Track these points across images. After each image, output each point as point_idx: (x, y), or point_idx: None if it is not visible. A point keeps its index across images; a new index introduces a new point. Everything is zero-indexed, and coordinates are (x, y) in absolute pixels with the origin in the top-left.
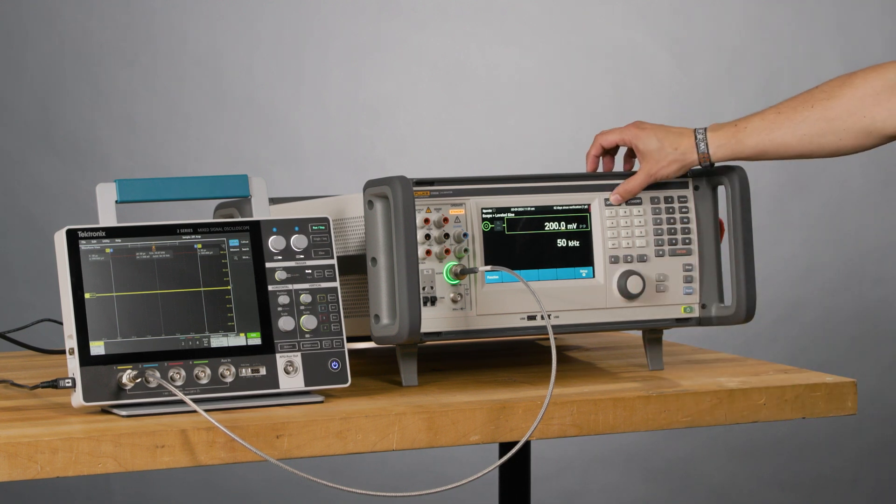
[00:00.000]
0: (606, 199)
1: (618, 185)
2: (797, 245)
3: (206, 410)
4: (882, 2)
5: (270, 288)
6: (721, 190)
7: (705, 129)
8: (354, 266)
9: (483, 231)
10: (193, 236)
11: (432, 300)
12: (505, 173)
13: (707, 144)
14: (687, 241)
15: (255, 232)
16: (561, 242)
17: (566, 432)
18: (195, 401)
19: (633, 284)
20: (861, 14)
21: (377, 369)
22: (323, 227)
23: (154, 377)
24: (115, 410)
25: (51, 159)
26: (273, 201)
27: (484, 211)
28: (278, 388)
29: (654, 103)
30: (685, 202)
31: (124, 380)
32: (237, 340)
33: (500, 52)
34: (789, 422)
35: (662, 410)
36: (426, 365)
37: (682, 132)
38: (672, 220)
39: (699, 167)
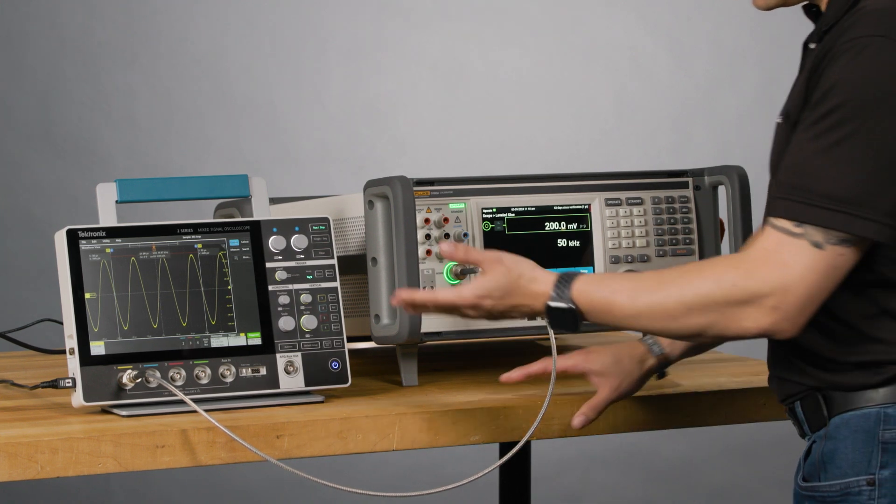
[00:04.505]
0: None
1: (618, 183)
2: None
3: (206, 410)
4: None
5: (271, 288)
6: (721, 190)
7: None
8: (354, 266)
9: (483, 231)
10: (193, 236)
11: None
12: (505, 173)
13: (660, 346)
14: (688, 241)
15: (256, 232)
16: (561, 242)
17: (566, 432)
18: (195, 401)
19: None
20: None
21: (377, 369)
22: (323, 227)
23: (154, 377)
24: (115, 410)
25: (51, 159)
26: (273, 201)
27: (484, 211)
28: (278, 388)
29: (654, 103)
30: (686, 202)
31: (124, 380)
32: (237, 340)
33: (500, 52)
34: (789, 422)
35: (662, 410)
36: (426, 365)
37: (632, 344)
38: (673, 220)
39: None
